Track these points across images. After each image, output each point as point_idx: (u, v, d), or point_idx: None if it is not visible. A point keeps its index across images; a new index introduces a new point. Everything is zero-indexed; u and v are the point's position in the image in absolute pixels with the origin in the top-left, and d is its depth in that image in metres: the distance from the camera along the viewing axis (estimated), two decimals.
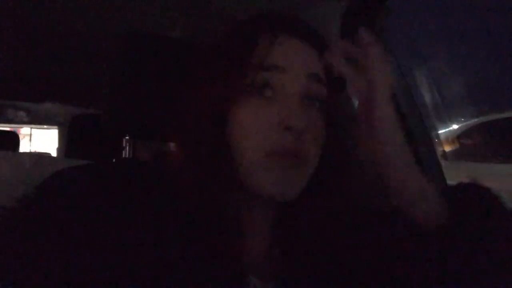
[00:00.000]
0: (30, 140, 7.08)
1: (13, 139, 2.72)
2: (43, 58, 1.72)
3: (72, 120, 1.68)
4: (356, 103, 0.90)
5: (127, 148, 0.90)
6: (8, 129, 3.47)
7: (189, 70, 0.63)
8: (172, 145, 0.69)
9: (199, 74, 0.59)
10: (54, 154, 4.33)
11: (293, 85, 0.53)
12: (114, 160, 0.85)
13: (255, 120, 0.52)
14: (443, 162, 1.03)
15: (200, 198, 0.52)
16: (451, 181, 1.00)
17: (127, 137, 0.92)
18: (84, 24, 1.30)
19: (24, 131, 6.49)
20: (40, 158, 0.86)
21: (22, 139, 2.87)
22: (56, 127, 3.73)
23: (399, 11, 0.94)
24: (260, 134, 0.51)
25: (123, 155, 0.92)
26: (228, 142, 0.53)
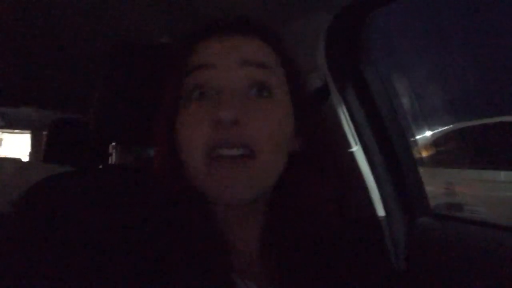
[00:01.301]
0: (0, 144, 6.87)
1: None
2: (20, 62, 1.68)
3: (51, 124, 1.63)
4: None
5: (114, 154, 0.89)
6: None
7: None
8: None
9: (158, 83, 0.60)
10: (25, 159, 4.22)
11: (224, 77, 0.52)
12: (101, 166, 0.84)
13: (192, 121, 0.51)
14: (420, 168, 1.06)
15: (173, 204, 0.53)
16: (428, 186, 1.04)
17: (113, 144, 0.91)
18: (65, 29, 1.28)
19: None
20: (23, 164, 0.85)
21: None
22: (28, 131, 3.63)
23: (381, 22, 0.97)
24: (196, 134, 0.50)
25: (110, 161, 0.91)
26: (178, 149, 0.54)
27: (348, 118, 0.94)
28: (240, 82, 0.52)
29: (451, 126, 2.52)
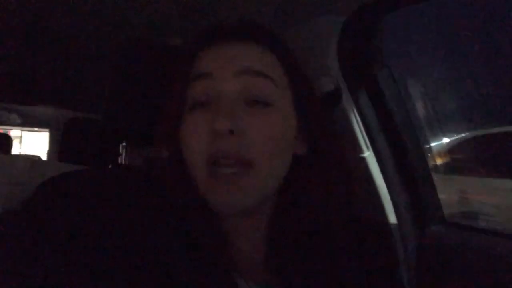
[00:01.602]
0: (21, 142, 7.01)
1: (6, 141, 2.70)
2: (37, 61, 1.71)
3: (66, 123, 1.65)
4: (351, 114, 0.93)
5: (124, 154, 0.90)
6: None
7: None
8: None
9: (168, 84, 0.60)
10: (44, 156, 4.29)
11: (222, 86, 0.52)
12: (110, 166, 0.85)
13: (193, 131, 0.52)
14: (434, 175, 1.04)
15: (177, 207, 0.53)
16: (442, 194, 1.01)
17: (123, 144, 0.92)
18: (80, 28, 1.29)
19: (14, 133, 6.44)
20: (34, 161, 0.86)
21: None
22: (47, 130, 3.69)
23: (396, 26, 0.95)
24: (198, 144, 0.51)
25: (119, 161, 0.91)
26: (182, 155, 0.54)
27: (360, 122, 0.93)
28: (237, 91, 0.52)
29: (468, 133, 2.48)
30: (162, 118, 0.58)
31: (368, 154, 0.93)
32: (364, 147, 0.93)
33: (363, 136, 0.93)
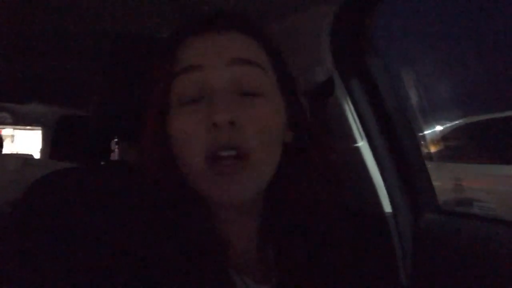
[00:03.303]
0: (13, 141, 6.95)
1: None
2: (27, 59, 1.69)
3: (58, 121, 1.64)
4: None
5: (116, 150, 0.89)
6: None
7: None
8: None
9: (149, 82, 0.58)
10: (37, 155, 4.26)
11: (214, 78, 0.51)
12: (102, 163, 0.84)
13: (187, 127, 0.50)
14: (428, 163, 1.04)
15: (171, 202, 0.52)
16: (436, 182, 1.02)
17: (115, 140, 0.91)
18: (71, 25, 1.28)
19: (6, 132, 6.37)
20: (26, 160, 0.85)
21: (4, 140, 2.82)
22: (39, 128, 3.66)
23: (388, 14, 0.95)
24: (194, 140, 0.50)
25: (112, 158, 0.91)
26: (172, 151, 0.53)
27: (354, 112, 0.93)
28: (230, 82, 0.51)
29: (461, 120, 2.49)
30: (146, 115, 0.56)
31: (362, 144, 0.93)
32: (358, 136, 0.93)
33: (356, 126, 0.93)
